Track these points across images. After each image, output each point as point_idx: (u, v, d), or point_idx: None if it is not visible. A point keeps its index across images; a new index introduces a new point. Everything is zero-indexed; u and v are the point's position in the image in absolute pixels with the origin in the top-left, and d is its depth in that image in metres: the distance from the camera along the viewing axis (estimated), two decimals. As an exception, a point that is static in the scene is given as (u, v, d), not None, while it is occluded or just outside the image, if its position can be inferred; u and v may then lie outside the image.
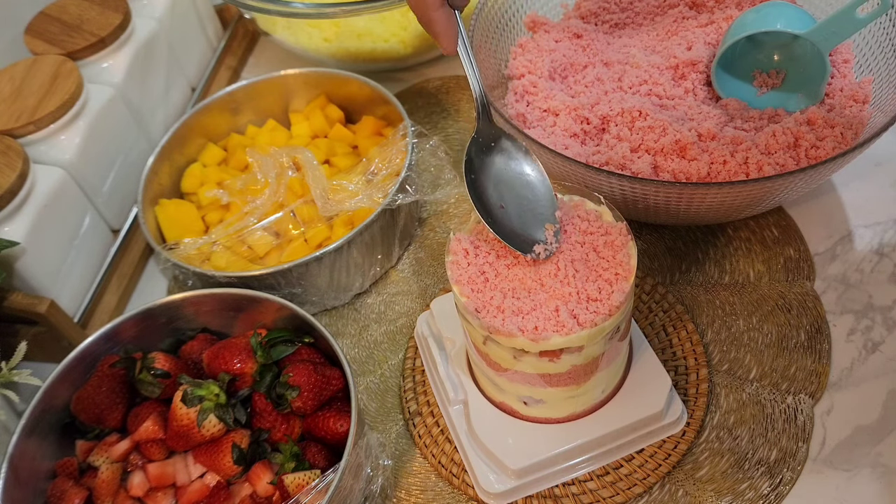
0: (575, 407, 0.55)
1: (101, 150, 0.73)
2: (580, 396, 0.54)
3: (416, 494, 0.59)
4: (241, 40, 0.96)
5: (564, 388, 0.52)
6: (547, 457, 0.55)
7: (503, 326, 0.48)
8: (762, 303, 0.65)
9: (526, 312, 0.48)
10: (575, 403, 0.55)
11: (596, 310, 0.48)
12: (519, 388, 0.53)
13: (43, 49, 0.74)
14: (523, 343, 0.48)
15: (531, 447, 0.55)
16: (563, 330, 0.47)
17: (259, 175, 0.72)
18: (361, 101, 0.78)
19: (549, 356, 0.49)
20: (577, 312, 0.48)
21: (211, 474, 0.55)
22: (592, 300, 0.48)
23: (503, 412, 0.57)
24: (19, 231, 0.64)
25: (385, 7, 0.76)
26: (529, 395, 0.54)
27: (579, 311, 0.48)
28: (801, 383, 0.60)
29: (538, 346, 0.48)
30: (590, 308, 0.48)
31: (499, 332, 0.48)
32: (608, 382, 0.55)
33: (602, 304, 0.48)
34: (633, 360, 0.58)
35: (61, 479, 0.56)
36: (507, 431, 0.56)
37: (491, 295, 0.49)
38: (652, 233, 0.71)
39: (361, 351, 0.68)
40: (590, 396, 0.55)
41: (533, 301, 0.48)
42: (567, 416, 0.55)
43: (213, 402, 0.54)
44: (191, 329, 0.62)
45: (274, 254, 0.69)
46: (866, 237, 0.68)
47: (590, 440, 0.55)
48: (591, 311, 0.48)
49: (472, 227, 0.53)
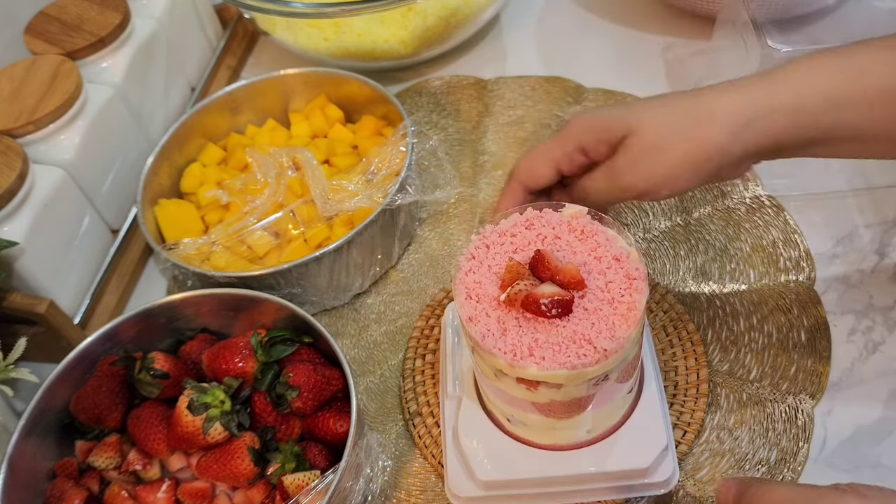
0: (557, 439, 0.53)
1: (100, 150, 0.73)
2: (562, 431, 0.52)
3: (415, 495, 0.59)
4: (240, 40, 0.96)
5: (545, 418, 0.50)
6: (517, 478, 0.53)
7: (483, 342, 0.45)
8: (762, 303, 0.65)
9: (508, 334, 0.45)
10: (556, 436, 0.52)
11: (584, 353, 0.44)
12: (502, 404, 0.52)
13: (42, 49, 0.74)
14: (501, 364, 0.46)
15: (504, 464, 0.53)
16: (543, 364, 0.44)
17: (259, 175, 0.72)
18: (361, 101, 0.78)
19: (527, 384, 0.46)
20: (563, 349, 0.44)
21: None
22: (585, 341, 0.45)
23: (492, 422, 0.55)
24: (19, 231, 0.64)
25: (385, 7, 0.76)
26: (511, 413, 0.52)
27: (565, 349, 0.44)
28: (801, 384, 0.60)
29: (514, 371, 0.45)
30: (579, 350, 0.44)
31: (479, 347, 0.46)
32: (596, 424, 0.52)
33: (593, 347, 0.44)
34: (638, 406, 0.54)
35: (61, 479, 0.56)
36: (487, 441, 0.54)
37: (486, 309, 0.47)
38: (652, 233, 0.71)
39: (361, 351, 0.68)
40: (573, 433, 0.52)
41: (522, 326, 0.45)
42: (549, 444, 0.53)
43: (218, 409, 0.54)
44: (190, 329, 0.62)
45: (274, 254, 0.69)
46: (867, 237, 0.68)
47: (567, 475, 0.53)
48: (577, 353, 0.44)
49: (489, 230, 0.50)
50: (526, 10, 0.96)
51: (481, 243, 0.49)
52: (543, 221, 0.49)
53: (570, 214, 0.49)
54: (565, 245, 0.48)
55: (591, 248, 0.48)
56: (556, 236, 0.49)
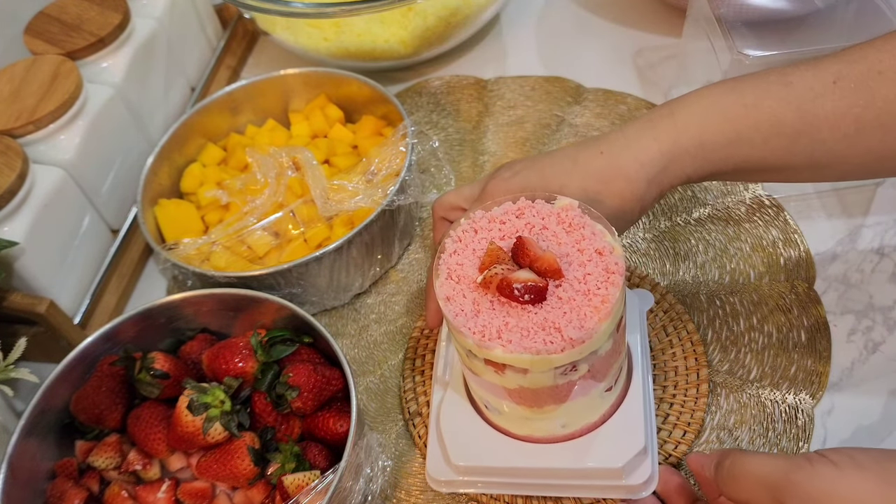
0: (532, 430, 0.53)
1: (100, 150, 0.73)
2: (535, 421, 0.51)
3: (415, 495, 0.59)
4: (240, 40, 0.96)
5: (517, 406, 0.50)
6: (491, 466, 0.53)
7: (454, 320, 0.46)
8: (762, 303, 0.65)
9: (481, 315, 0.45)
10: (532, 427, 0.52)
11: (551, 340, 0.44)
12: (478, 388, 0.52)
13: (42, 49, 0.74)
14: (470, 345, 0.46)
15: (480, 451, 0.53)
16: (508, 346, 0.44)
17: (259, 175, 0.72)
18: (361, 101, 0.78)
19: (494, 367, 0.47)
20: (531, 334, 0.44)
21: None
22: (554, 329, 0.44)
23: (475, 410, 0.55)
24: (19, 231, 0.64)
25: (385, 7, 0.76)
26: (488, 399, 0.52)
27: (533, 334, 0.44)
28: (801, 384, 0.60)
29: (482, 352, 0.46)
30: (546, 336, 0.44)
31: (451, 325, 0.47)
32: (571, 419, 0.51)
33: (560, 335, 0.44)
34: (621, 407, 0.54)
35: (61, 479, 0.56)
36: (467, 427, 0.55)
37: (464, 290, 0.47)
38: (652, 233, 0.71)
39: (361, 351, 0.68)
40: (547, 426, 0.52)
41: (496, 309, 0.46)
42: (525, 435, 0.53)
43: (218, 409, 0.54)
44: (190, 329, 0.62)
45: (273, 254, 0.69)
46: (867, 237, 0.68)
47: (541, 468, 0.53)
48: (543, 339, 0.44)
49: (478, 216, 0.50)
50: (526, 10, 0.96)
51: (469, 227, 0.50)
52: (534, 211, 0.50)
53: (562, 206, 0.50)
54: (551, 236, 0.48)
55: (576, 240, 0.48)
56: (544, 227, 0.49)
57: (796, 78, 0.51)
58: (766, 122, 0.51)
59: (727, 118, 0.51)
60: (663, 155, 0.52)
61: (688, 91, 0.54)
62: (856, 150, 0.51)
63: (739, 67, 0.64)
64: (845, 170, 0.53)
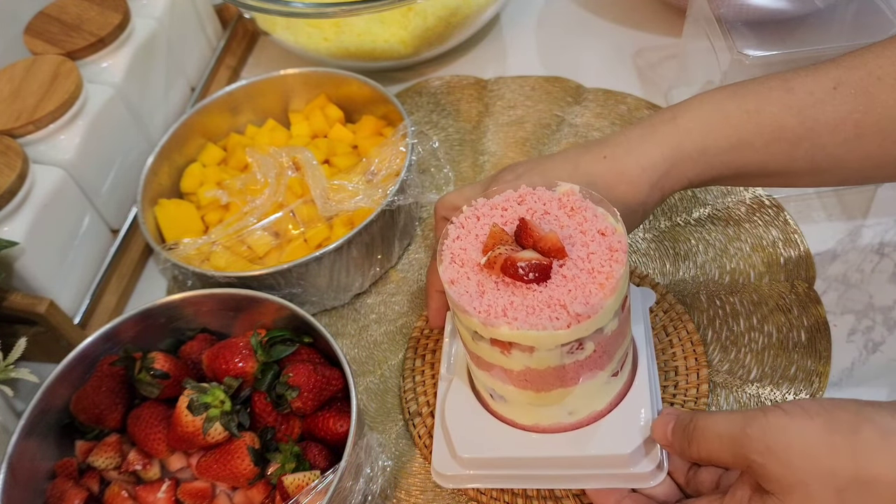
0: (539, 419, 0.52)
1: (100, 150, 0.73)
2: (542, 408, 0.51)
3: (415, 495, 0.59)
4: (240, 40, 0.96)
5: (522, 391, 0.50)
6: (497, 457, 0.53)
7: (459, 300, 0.46)
8: (762, 303, 0.65)
9: (486, 295, 0.46)
10: (538, 415, 0.52)
11: (557, 316, 0.44)
12: (483, 375, 0.52)
13: (42, 49, 0.74)
14: (476, 325, 0.46)
15: (485, 442, 0.53)
16: (514, 324, 0.45)
17: (259, 175, 0.72)
18: (361, 101, 0.78)
19: (500, 347, 0.47)
20: (537, 311, 0.45)
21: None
22: (560, 305, 0.45)
23: (479, 402, 0.55)
24: (19, 231, 0.64)
25: (385, 7, 0.76)
26: (492, 386, 0.52)
27: (539, 311, 0.45)
28: (801, 384, 0.60)
29: (488, 331, 0.46)
30: (552, 313, 0.45)
31: (456, 307, 0.47)
32: (577, 406, 0.52)
33: (566, 311, 0.44)
34: (627, 396, 0.54)
35: (61, 479, 0.56)
36: (471, 419, 0.54)
37: (467, 273, 0.47)
38: (652, 233, 0.71)
39: (361, 351, 0.68)
40: (553, 413, 0.52)
41: (500, 289, 0.46)
42: (531, 425, 0.53)
43: (218, 409, 0.54)
44: (190, 329, 0.62)
45: (273, 254, 0.69)
46: (867, 237, 0.68)
47: (546, 457, 0.52)
48: (549, 316, 0.44)
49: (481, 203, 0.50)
50: (526, 10, 0.96)
51: (472, 214, 0.50)
52: (535, 198, 0.50)
53: (563, 192, 0.50)
54: (553, 220, 0.49)
55: (578, 222, 0.48)
56: (546, 212, 0.49)
57: (797, 84, 0.52)
58: (768, 127, 0.51)
59: (729, 123, 0.52)
60: (666, 159, 0.53)
61: (688, 91, 0.55)
62: (856, 155, 0.51)
63: (739, 67, 0.64)
64: (845, 175, 0.54)
